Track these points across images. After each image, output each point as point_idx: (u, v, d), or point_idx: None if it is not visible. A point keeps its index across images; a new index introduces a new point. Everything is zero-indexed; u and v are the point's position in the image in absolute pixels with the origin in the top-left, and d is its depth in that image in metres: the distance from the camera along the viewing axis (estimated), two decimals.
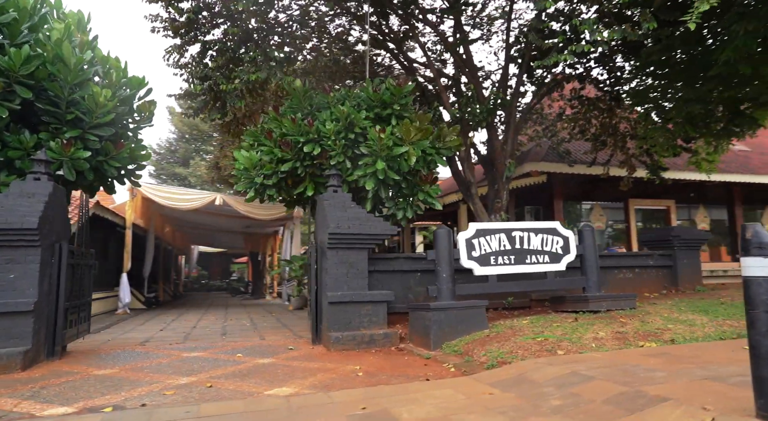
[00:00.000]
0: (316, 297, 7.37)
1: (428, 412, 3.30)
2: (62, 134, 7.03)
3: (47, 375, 5.35)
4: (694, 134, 11.12)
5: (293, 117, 7.66)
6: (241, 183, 8.00)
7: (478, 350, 5.64)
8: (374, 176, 7.48)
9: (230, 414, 3.53)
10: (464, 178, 10.16)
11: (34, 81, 6.68)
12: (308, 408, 3.63)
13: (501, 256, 7.04)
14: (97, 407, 4.05)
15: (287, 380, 4.86)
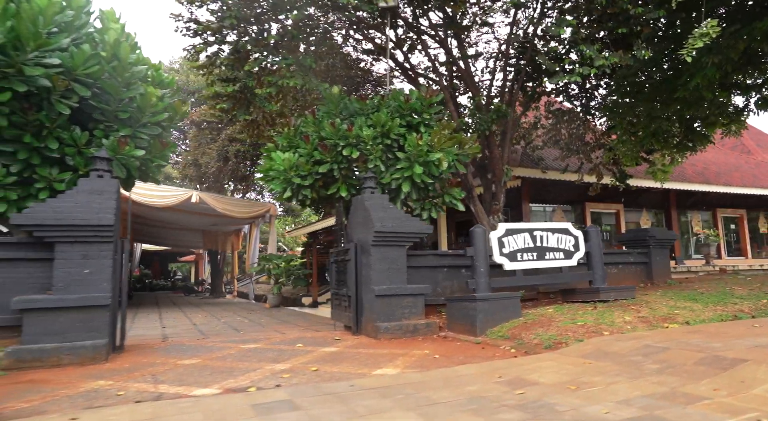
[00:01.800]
0: (356, 291, 7.91)
1: (556, 377, 4.05)
2: (114, 132, 7.14)
3: (136, 366, 5.58)
4: (657, 147, 12.66)
5: (332, 122, 8.16)
6: (278, 183, 8.36)
7: (525, 335, 6.46)
8: (409, 179, 8.13)
9: (390, 386, 4.08)
10: (467, 183, 11.01)
11: (92, 80, 6.77)
12: (446, 379, 4.26)
13: (525, 253, 7.94)
14: (234, 388, 4.44)
15: (379, 364, 5.42)
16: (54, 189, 6.79)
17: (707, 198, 20.52)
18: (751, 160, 23.10)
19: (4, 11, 5.55)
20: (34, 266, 6.07)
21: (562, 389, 3.63)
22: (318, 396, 3.78)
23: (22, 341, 5.60)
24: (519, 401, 3.38)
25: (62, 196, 6.12)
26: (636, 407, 3.10)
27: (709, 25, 7.24)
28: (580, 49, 8.66)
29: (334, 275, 9.12)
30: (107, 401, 4.01)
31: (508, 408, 3.23)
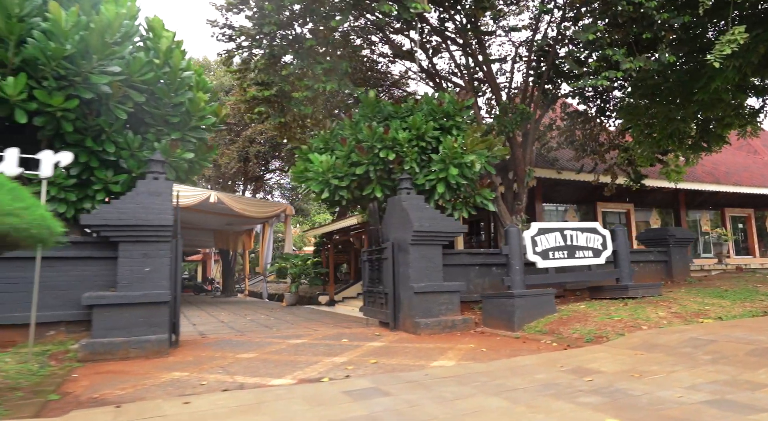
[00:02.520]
0: (394, 289, 8.19)
1: (615, 367, 4.34)
2: (164, 136, 7.42)
3: (199, 359, 5.86)
4: (673, 148, 12.96)
5: (369, 125, 8.44)
6: (316, 184, 8.64)
7: (563, 329, 6.76)
8: (444, 180, 8.42)
9: (461, 375, 4.38)
10: (492, 183, 11.28)
11: (146, 86, 7.04)
12: (511, 369, 4.55)
13: (557, 251, 8.23)
14: (308, 379, 4.72)
15: (432, 356, 5.71)
16: (109, 190, 7.08)
17: (715, 198, 20.83)
18: (759, 161, 23.42)
19: (76, 24, 5.82)
20: (98, 264, 6.37)
21: (627, 377, 3.93)
22: (400, 384, 4.07)
23: (93, 335, 5.88)
24: (591, 387, 3.68)
25: (124, 198, 6.39)
26: (704, 392, 3.39)
27: (737, 32, 7.53)
28: (606, 54, 8.94)
29: (368, 273, 9.40)
30: (195, 390, 4.29)
31: (584, 393, 3.52)
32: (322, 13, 8.27)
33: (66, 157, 5.53)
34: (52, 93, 6.13)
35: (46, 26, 5.84)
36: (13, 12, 5.79)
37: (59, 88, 6.21)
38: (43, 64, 6.03)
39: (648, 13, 8.74)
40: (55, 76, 6.15)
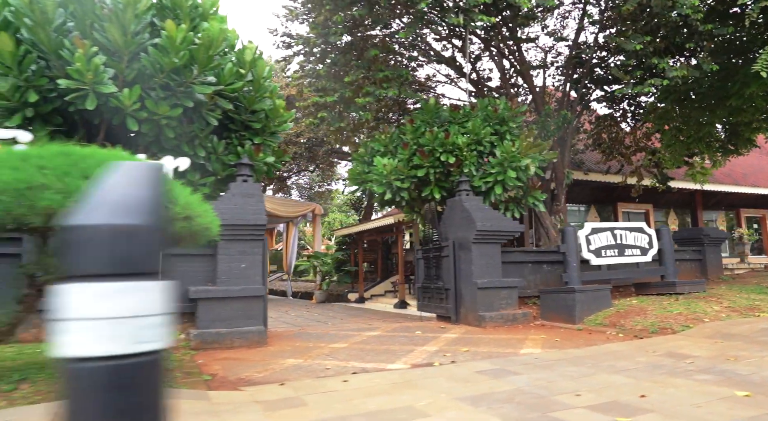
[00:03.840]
0: (455, 284, 8.69)
1: (704, 352, 4.84)
2: (246, 140, 7.91)
3: (298, 349, 6.35)
4: (704, 151, 13.48)
5: (431, 130, 8.94)
6: (379, 186, 9.13)
7: (624, 322, 7.26)
8: (500, 183, 8.92)
9: (566, 359, 4.87)
10: (543, 185, 11.79)
11: (233, 94, 7.52)
12: (609, 354, 5.05)
13: (608, 249, 8.74)
14: (419, 364, 5.21)
15: (515, 345, 6.21)
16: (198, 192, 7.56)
17: (731, 198, 21.32)
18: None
19: (184, 40, 6.30)
20: (198, 260, 6.86)
21: (723, 360, 4.43)
22: (517, 366, 4.57)
23: (199, 325, 6.37)
24: (697, 368, 4.18)
25: (222, 199, 6.89)
26: None
27: None
28: (652, 62, 9.44)
29: (423, 270, 9.90)
30: (326, 373, 4.78)
31: (695, 372, 4.02)
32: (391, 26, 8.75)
33: (184, 162, 6.02)
34: (158, 102, 6.62)
35: (160, 42, 6.32)
36: (129, 29, 6.27)
37: (164, 97, 6.70)
38: (153, 76, 6.52)
39: (692, 23, 9.24)
40: (161, 86, 6.64)
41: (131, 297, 0.71)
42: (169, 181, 3.85)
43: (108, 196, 0.74)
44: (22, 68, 6.05)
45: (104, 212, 0.72)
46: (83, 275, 0.71)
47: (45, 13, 5.83)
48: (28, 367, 4.21)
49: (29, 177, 3.15)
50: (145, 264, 0.73)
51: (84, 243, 0.71)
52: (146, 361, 0.72)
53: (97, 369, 0.70)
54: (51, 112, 6.51)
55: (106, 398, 0.70)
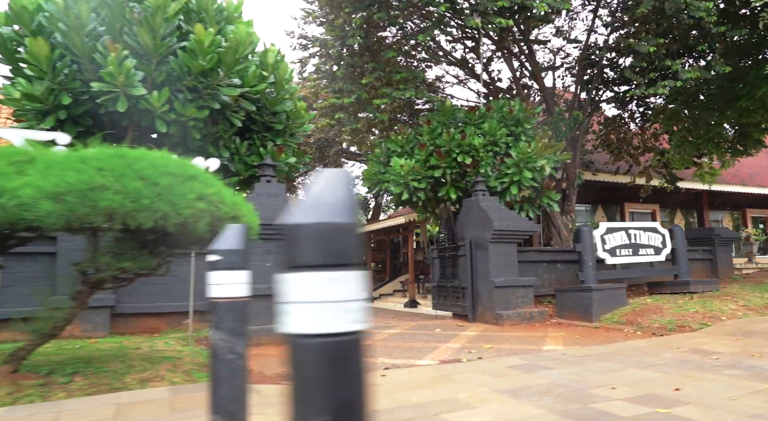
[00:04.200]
0: (472, 283, 8.82)
1: (728, 348, 4.96)
2: (268, 142, 8.05)
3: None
4: (713, 151, 13.59)
5: (448, 131, 9.07)
6: (396, 186, 9.27)
7: (640, 320, 7.38)
8: (516, 183, 9.05)
9: (592, 355, 5.00)
10: (557, 185, 11.92)
11: (256, 96, 7.67)
12: (634, 350, 5.18)
13: (623, 249, 8.86)
14: (446, 360, 5.35)
15: (536, 342, 6.34)
16: None
17: (737, 199, 21.40)
18: None
19: (212, 43, 6.44)
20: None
21: (748, 356, 4.56)
22: (546, 361, 4.70)
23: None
24: (724, 363, 4.30)
25: (247, 199, 7.01)
26: None
27: None
28: (665, 64, 9.55)
29: (438, 269, 10.03)
30: None
31: (722, 367, 4.15)
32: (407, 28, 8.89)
33: (214, 163, 6.16)
34: (185, 104, 6.76)
35: (188, 45, 6.46)
36: (158, 33, 6.42)
37: (191, 99, 6.84)
38: (181, 79, 6.67)
39: (705, 26, 9.36)
40: (188, 89, 6.79)
41: (342, 284, 0.85)
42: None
43: (320, 198, 0.88)
44: (56, 72, 6.19)
45: (321, 213, 0.86)
46: (306, 265, 0.85)
47: (79, 18, 5.98)
48: (74, 361, 4.35)
49: (90, 178, 3.29)
50: (351, 256, 0.87)
51: (306, 239, 0.85)
52: (355, 338, 0.86)
53: (319, 344, 0.83)
54: (82, 114, 6.65)
55: (326, 367, 0.83)
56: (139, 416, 2.94)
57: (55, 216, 3.18)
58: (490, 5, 7.93)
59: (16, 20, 6.34)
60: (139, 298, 6.56)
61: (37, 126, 6.38)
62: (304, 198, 0.90)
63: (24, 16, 6.23)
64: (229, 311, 1.87)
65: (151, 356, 4.80)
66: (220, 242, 1.96)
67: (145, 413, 3.01)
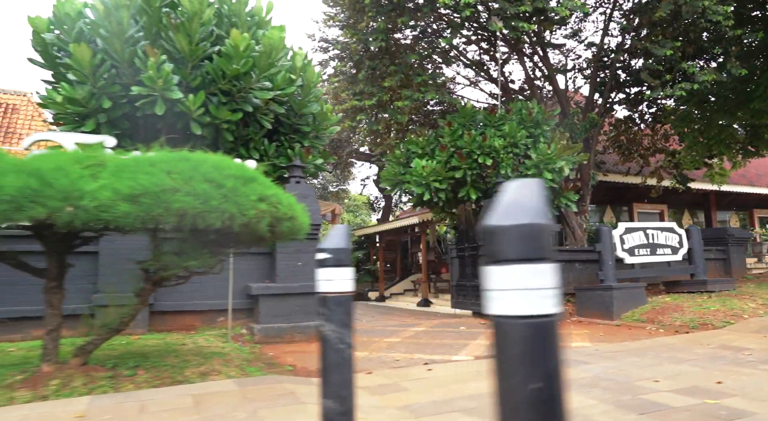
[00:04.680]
0: None
1: (757, 345, 5.13)
2: (295, 143, 8.22)
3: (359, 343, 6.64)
4: (724, 152, 13.75)
5: (469, 133, 9.23)
6: (418, 186, 9.43)
7: (661, 318, 7.54)
8: None
9: (623, 351, 5.17)
10: (575, 186, 12.06)
11: (285, 99, 7.84)
12: (665, 346, 5.34)
13: (641, 248, 9.02)
14: (480, 356, 5.51)
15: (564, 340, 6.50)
16: None
17: (744, 199, 21.53)
18: None
19: (247, 47, 6.62)
20: (256, 259, 7.17)
21: None
22: (582, 356, 4.86)
23: (260, 321, 6.68)
24: (757, 359, 4.47)
25: None
26: None
27: None
28: (682, 66, 9.71)
29: (458, 269, 10.20)
30: (398, 364, 5.08)
31: (757, 363, 4.31)
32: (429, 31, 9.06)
33: (252, 164, 6.31)
34: (219, 107, 6.94)
35: (224, 49, 6.64)
36: (195, 38, 6.59)
37: (224, 103, 7.02)
38: (215, 82, 6.84)
39: (721, 29, 9.52)
40: (222, 92, 6.96)
41: (542, 274, 1.02)
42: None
43: (520, 203, 1.05)
44: (97, 77, 6.36)
45: (524, 215, 1.03)
46: (514, 259, 1.02)
47: (121, 24, 6.15)
48: (129, 356, 4.53)
49: (161, 181, 3.46)
50: (548, 252, 1.04)
51: (513, 237, 1.02)
52: (553, 319, 1.03)
53: (528, 324, 1.00)
54: (119, 117, 6.83)
55: (534, 343, 1.00)
56: (218, 405, 3.11)
57: (132, 217, 3.35)
58: (512, 9, 8.10)
59: (58, 26, 6.52)
60: (175, 296, 6.73)
61: (77, 129, 6.56)
62: (502, 203, 1.07)
63: (67, 22, 6.41)
64: (338, 304, 2.04)
65: (200, 352, 4.97)
66: (327, 241, 2.13)
67: (222, 402, 3.18)
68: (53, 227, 3.42)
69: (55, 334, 3.81)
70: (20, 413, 2.96)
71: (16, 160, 3.40)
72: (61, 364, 3.82)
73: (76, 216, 3.26)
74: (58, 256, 3.88)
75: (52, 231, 3.74)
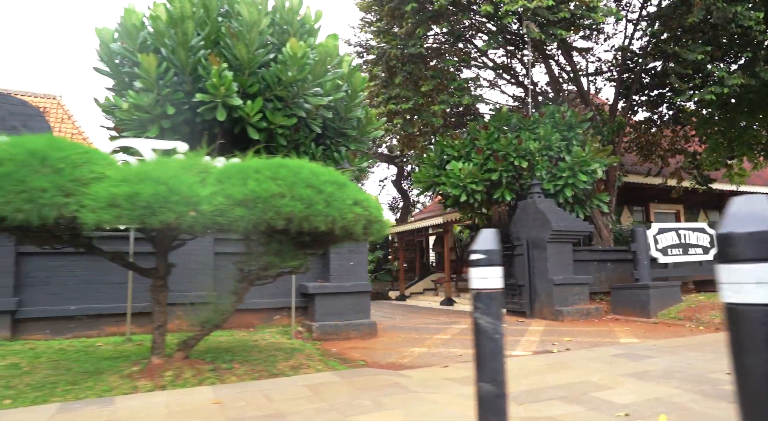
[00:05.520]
0: (529, 281, 9.24)
1: None
2: (341, 146, 8.49)
3: (410, 340, 6.92)
4: (746, 153, 13.96)
5: (505, 136, 9.49)
6: (455, 188, 9.70)
7: (699, 316, 7.78)
8: (570, 186, 9.46)
9: (677, 346, 5.41)
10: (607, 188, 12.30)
11: (333, 104, 8.10)
12: (715, 342, 5.58)
13: (673, 248, 9.26)
14: (538, 351, 5.76)
15: (610, 336, 6.74)
16: None
17: None
18: None
19: (304, 55, 6.89)
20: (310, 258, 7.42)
21: None
22: (644, 351, 5.11)
23: (316, 319, 6.94)
24: None
25: None
26: None
27: None
28: (712, 70, 9.94)
29: None
30: (461, 358, 5.34)
31: None
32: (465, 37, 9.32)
33: None
34: (274, 113, 7.21)
35: (281, 57, 6.91)
36: (253, 46, 6.87)
37: (279, 108, 7.29)
38: (271, 89, 7.12)
39: (750, 33, 9.74)
40: (277, 98, 7.24)
41: None
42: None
43: (752, 213, 1.31)
44: (161, 85, 6.65)
45: (759, 223, 1.29)
46: (748, 258, 1.28)
47: (186, 34, 6.43)
48: (218, 351, 4.80)
49: (269, 187, 3.72)
50: None
51: (748, 241, 1.29)
52: None
53: (763, 311, 1.27)
54: (180, 122, 7.11)
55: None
56: (337, 393, 3.38)
57: (246, 220, 3.62)
58: (551, 17, 8.35)
59: (124, 37, 6.80)
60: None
61: (142, 135, 6.84)
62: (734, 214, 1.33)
63: (133, 33, 6.69)
64: (491, 299, 2.30)
65: (276, 348, 5.24)
66: (478, 243, 2.38)
67: (338, 391, 3.45)
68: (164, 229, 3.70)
69: (162, 329, 4.09)
70: (160, 400, 3.23)
71: (138, 169, 3.68)
72: (167, 357, 4.10)
73: (196, 220, 3.54)
74: (164, 256, 4.16)
75: (162, 233, 4.03)
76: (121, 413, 2.97)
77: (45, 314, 5.90)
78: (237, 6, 6.90)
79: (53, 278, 6.05)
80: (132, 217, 3.32)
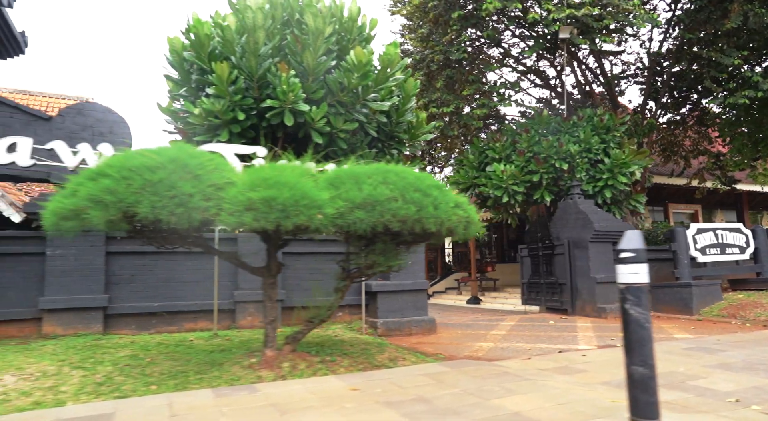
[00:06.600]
0: (571, 280, 9.51)
1: None
2: (392, 149, 8.78)
3: (468, 336, 7.20)
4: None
5: (546, 139, 9.76)
6: (497, 189, 9.97)
7: (743, 313, 8.04)
8: (610, 187, 9.73)
9: (739, 341, 5.68)
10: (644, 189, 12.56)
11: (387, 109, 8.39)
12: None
13: (711, 248, 9.52)
14: (602, 345, 6.03)
15: (659, 333, 7.01)
16: None
17: None
18: None
19: (368, 62, 7.18)
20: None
21: None
22: (711, 344, 5.39)
23: (379, 315, 7.23)
24: None
25: None
26: None
27: None
28: (746, 75, 10.19)
29: (530, 267, 10.73)
30: (532, 352, 5.62)
31: None
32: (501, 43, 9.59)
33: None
34: (335, 117, 7.51)
35: (344, 64, 7.20)
36: (318, 53, 7.16)
37: (341, 113, 7.59)
38: (333, 94, 7.41)
39: None
40: (339, 103, 7.53)
41: None
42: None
43: None
44: (232, 91, 6.94)
45: None
46: None
47: (257, 43, 6.73)
48: (316, 345, 5.09)
49: (383, 191, 4.01)
50: None
51: None
52: None
53: None
54: (247, 127, 7.41)
55: None
56: (458, 382, 3.66)
57: (365, 222, 3.91)
58: (596, 24, 8.62)
59: (196, 46, 7.10)
60: (300, 293, 7.30)
61: (213, 139, 7.13)
62: None
63: (205, 42, 6.99)
64: (641, 292, 2.58)
65: (362, 342, 5.53)
66: (625, 243, 2.66)
67: (458, 380, 3.73)
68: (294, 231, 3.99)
69: (275, 324, 4.38)
70: (298, 388, 3.52)
71: (263, 175, 3.96)
72: (278, 350, 4.39)
73: (321, 222, 3.83)
74: (275, 256, 4.45)
75: (278, 235, 4.32)
76: (275, 398, 3.26)
77: (132, 310, 6.21)
78: (303, 15, 7.19)
79: (137, 277, 6.35)
80: (269, 219, 3.61)
